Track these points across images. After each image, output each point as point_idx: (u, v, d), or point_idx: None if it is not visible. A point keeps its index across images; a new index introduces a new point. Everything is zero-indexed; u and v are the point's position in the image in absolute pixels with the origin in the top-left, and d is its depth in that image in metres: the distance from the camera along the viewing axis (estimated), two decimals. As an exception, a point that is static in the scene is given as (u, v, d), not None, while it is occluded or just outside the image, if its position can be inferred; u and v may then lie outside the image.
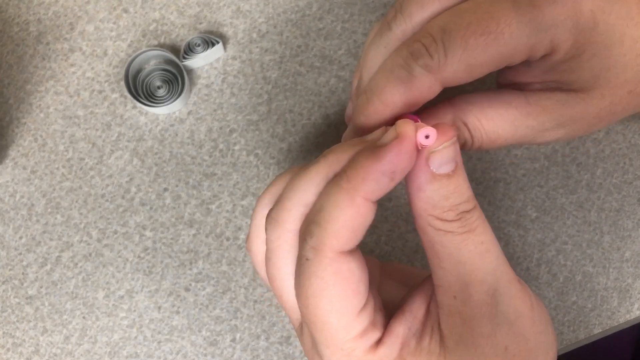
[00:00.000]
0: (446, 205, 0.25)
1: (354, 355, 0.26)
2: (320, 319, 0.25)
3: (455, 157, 0.25)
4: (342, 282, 0.25)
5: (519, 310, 0.26)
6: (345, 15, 0.41)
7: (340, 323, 0.25)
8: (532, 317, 0.26)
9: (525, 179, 0.40)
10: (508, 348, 0.25)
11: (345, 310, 0.25)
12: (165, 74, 0.40)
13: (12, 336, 0.38)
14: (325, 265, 0.24)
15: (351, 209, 0.24)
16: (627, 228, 0.40)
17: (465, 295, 0.25)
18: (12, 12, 0.41)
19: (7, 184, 0.39)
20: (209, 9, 0.41)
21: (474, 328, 0.25)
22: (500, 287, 0.25)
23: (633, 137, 0.40)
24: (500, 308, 0.25)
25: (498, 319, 0.25)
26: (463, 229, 0.25)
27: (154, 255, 0.39)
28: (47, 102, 0.40)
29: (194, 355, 0.38)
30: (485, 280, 0.25)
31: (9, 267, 0.39)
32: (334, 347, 0.26)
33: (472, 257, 0.25)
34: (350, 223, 0.24)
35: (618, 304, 0.39)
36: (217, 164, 0.40)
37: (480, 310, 0.25)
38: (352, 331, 0.25)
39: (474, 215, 0.25)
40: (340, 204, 0.24)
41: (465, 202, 0.25)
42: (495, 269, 0.25)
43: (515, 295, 0.26)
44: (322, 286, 0.25)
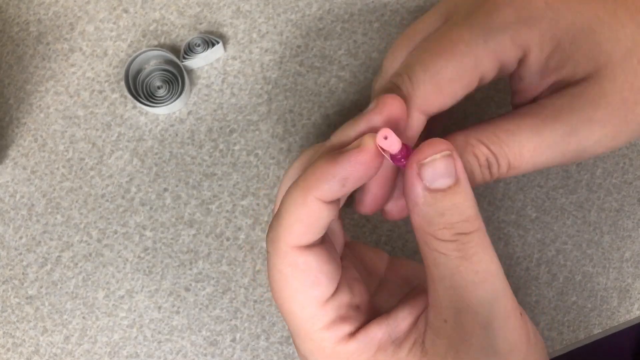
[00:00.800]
0: (440, 222, 0.24)
1: (323, 345, 0.26)
2: (287, 310, 0.26)
3: (452, 171, 0.24)
4: (299, 274, 0.25)
5: (513, 344, 0.25)
6: (345, 15, 0.41)
7: (304, 313, 0.26)
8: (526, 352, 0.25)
9: (525, 179, 0.40)
10: None
11: (307, 302, 0.25)
12: (165, 74, 0.40)
13: (12, 336, 0.38)
14: (281, 258, 0.26)
15: (304, 207, 0.25)
16: (627, 228, 0.40)
17: (457, 323, 0.24)
18: (12, 12, 0.41)
19: (7, 184, 0.39)
20: (209, 9, 0.41)
21: (459, 354, 0.25)
22: (495, 321, 0.24)
23: (633, 137, 0.40)
24: (491, 341, 0.24)
25: (487, 350, 0.24)
26: (458, 253, 0.24)
27: (154, 255, 0.39)
28: (47, 102, 0.40)
29: (194, 355, 0.38)
30: (479, 312, 0.24)
31: (9, 267, 0.39)
32: (304, 336, 0.26)
33: (466, 286, 0.24)
34: (304, 220, 0.25)
35: (618, 304, 0.39)
36: (217, 164, 0.40)
37: (471, 340, 0.24)
38: (318, 322, 0.26)
39: (473, 240, 0.24)
40: (295, 201, 0.25)
41: (464, 221, 0.24)
42: (491, 301, 0.24)
43: (511, 330, 0.25)
44: (282, 278, 0.26)
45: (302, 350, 0.27)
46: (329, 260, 0.26)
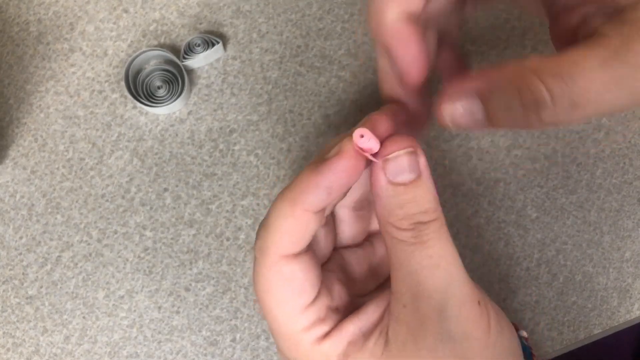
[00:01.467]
0: (400, 213, 0.25)
1: (301, 345, 0.27)
2: (269, 312, 0.27)
3: (414, 167, 0.25)
4: (284, 283, 0.26)
5: (468, 332, 0.25)
6: (345, 15, 0.41)
7: (285, 318, 0.27)
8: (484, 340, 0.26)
9: (525, 179, 0.40)
10: None
11: (289, 308, 0.26)
12: (165, 74, 0.40)
13: (12, 336, 0.38)
14: (267, 267, 0.26)
15: (291, 219, 0.25)
16: (627, 228, 0.40)
17: (414, 307, 0.25)
18: (12, 12, 0.41)
19: (7, 184, 0.39)
20: (209, 9, 0.41)
21: (417, 340, 0.25)
22: (448, 306, 0.25)
23: (633, 137, 0.40)
24: (445, 326, 0.25)
25: (442, 336, 0.25)
26: (414, 240, 0.25)
27: (154, 255, 0.39)
28: (47, 102, 0.40)
29: (194, 355, 0.38)
30: (433, 297, 0.25)
31: (9, 267, 0.39)
32: (283, 336, 0.27)
33: (421, 270, 0.25)
34: (291, 231, 0.26)
35: (618, 304, 0.39)
36: (217, 164, 0.40)
37: (427, 324, 0.25)
38: (298, 325, 0.27)
39: (429, 228, 0.25)
40: (282, 213, 0.26)
41: (423, 212, 0.25)
42: (445, 287, 0.25)
43: (466, 316, 0.25)
44: (267, 285, 0.26)
45: (282, 347, 0.28)
46: (313, 267, 0.27)
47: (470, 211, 0.40)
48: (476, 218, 0.40)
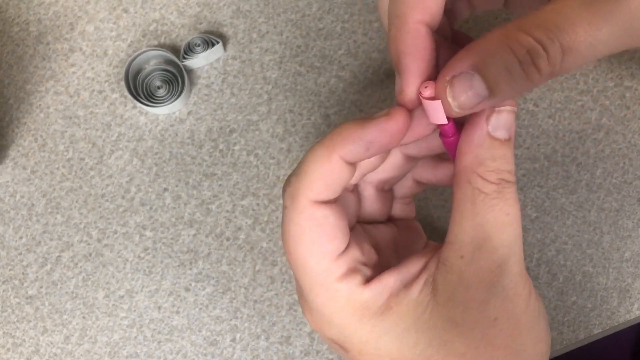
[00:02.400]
0: (492, 166, 0.26)
1: (337, 295, 0.27)
2: (301, 263, 0.27)
3: (511, 126, 0.26)
4: (316, 228, 0.26)
5: (519, 290, 0.26)
6: (345, 15, 0.41)
7: (319, 266, 0.26)
8: (527, 301, 0.26)
9: (525, 179, 0.40)
10: (497, 320, 0.26)
11: (322, 254, 0.26)
12: (165, 74, 0.40)
13: (12, 336, 0.38)
14: (299, 212, 0.26)
15: (327, 165, 0.26)
16: (627, 228, 0.40)
17: (473, 258, 0.26)
18: (12, 12, 0.41)
19: (7, 184, 0.39)
20: (209, 9, 0.41)
21: (469, 290, 0.26)
22: (509, 262, 0.26)
23: (633, 137, 0.40)
24: (501, 281, 0.26)
25: (496, 289, 0.26)
26: (497, 194, 0.26)
27: (154, 255, 0.39)
28: (47, 102, 0.40)
29: (194, 355, 0.38)
30: (497, 251, 0.26)
31: (9, 267, 0.39)
32: (318, 288, 0.27)
33: (494, 224, 0.26)
34: (325, 176, 0.26)
35: (618, 304, 0.39)
36: (217, 164, 0.40)
37: (483, 275, 0.26)
38: (332, 274, 0.27)
39: (512, 187, 0.26)
40: (319, 159, 0.26)
41: (509, 172, 0.26)
42: (511, 243, 0.26)
43: (519, 275, 0.26)
44: (299, 231, 0.27)
45: (316, 303, 0.27)
46: (343, 217, 0.27)
47: (470, 211, 0.40)
48: (476, 218, 0.40)
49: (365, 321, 0.27)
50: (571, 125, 0.40)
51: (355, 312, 0.27)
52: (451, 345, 0.26)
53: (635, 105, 0.41)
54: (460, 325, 0.25)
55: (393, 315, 0.26)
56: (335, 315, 0.27)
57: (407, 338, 0.26)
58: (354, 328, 0.27)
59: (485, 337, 0.25)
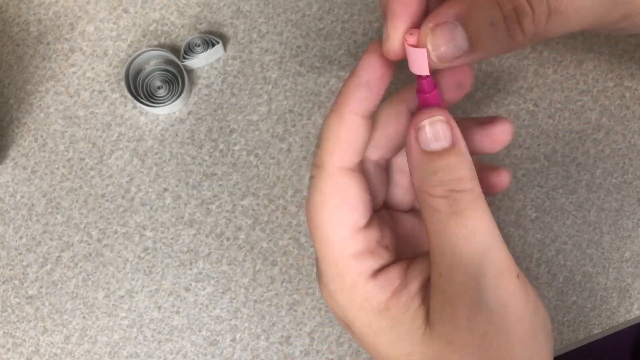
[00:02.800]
0: (434, 180, 0.25)
1: (345, 275, 0.27)
2: (320, 230, 0.27)
3: (446, 135, 0.25)
4: (340, 196, 0.27)
5: (505, 301, 0.25)
6: (345, 15, 0.41)
7: (336, 236, 0.27)
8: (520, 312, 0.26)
9: (525, 179, 0.40)
10: (487, 334, 0.25)
11: (342, 224, 0.26)
12: (165, 74, 0.40)
13: (12, 336, 0.38)
14: (324, 179, 0.27)
15: (342, 125, 0.26)
16: (627, 228, 0.40)
17: (449, 277, 0.25)
18: (12, 12, 0.41)
19: (7, 184, 0.39)
20: (209, 9, 0.41)
21: (454, 308, 0.25)
22: (486, 275, 0.25)
23: (633, 137, 0.40)
24: (482, 296, 0.25)
25: (479, 306, 0.25)
26: (449, 208, 0.25)
27: (154, 255, 0.39)
28: (48, 102, 0.40)
29: (194, 355, 0.38)
30: (469, 266, 0.25)
31: (9, 267, 0.39)
32: (330, 260, 0.27)
33: (456, 240, 0.25)
34: (344, 137, 0.26)
35: (618, 304, 0.39)
36: (217, 164, 0.40)
37: (462, 293, 0.25)
38: (348, 248, 0.27)
39: (464, 197, 0.25)
40: (333, 123, 0.27)
41: (457, 180, 0.25)
42: (481, 256, 0.25)
43: (503, 287, 0.25)
44: (322, 199, 0.27)
45: (326, 277, 0.28)
46: (366, 190, 0.27)
47: (470, 211, 0.40)
48: (476, 218, 0.40)
49: (365, 313, 0.27)
50: (571, 125, 0.40)
51: (358, 299, 0.27)
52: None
53: (635, 105, 0.41)
54: (452, 343, 0.25)
55: (389, 318, 0.26)
56: (340, 295, 0.27)
57: (403, 347, 0.26)
58: (355, 314, 0.27)
59: (477, 352, 0.25)
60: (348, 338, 0.39)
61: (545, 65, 0.41)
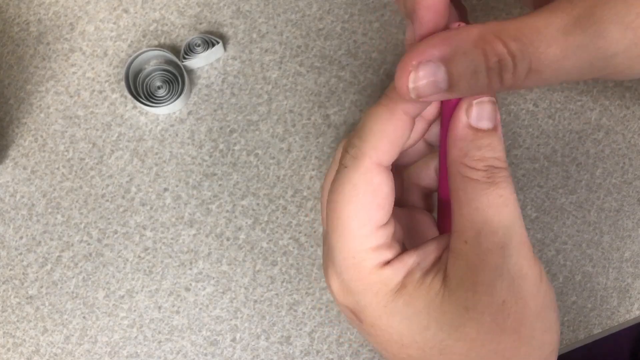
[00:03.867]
0: (477, 154, 0.26)
1: (362, 266, 0.27)
2: (343, 223, 0.27)
3: (493, 116, 0.27)
4: (371, 193, 0.27)
5: (525, 271, 0.26)
6: (345, 15, 0.41)
7: (360, 231, 0.27)
8: (537, 285, 0.27)
9: (525, 179, 0.40)
10: (505, 303, 0.26)
11: (367, 221, 0.27)
12: (165, 74, 0.40)
13: (12, 336, 0.38)
14: (360, 173, 0.27)
15: (391, 122, 0.27)
16: (627, 228, 0.40)
17: (476, 242, 0.26)
18: (12, 12, 0.41)
19: (7, 184, 0.39)
20: (209, 9, 0.41)
21: (476, 274, 0.26)
22: (510, 244, 0.26)
23: (633, 137, 0.40)
24: (506, 262, 0.26)
25: (502, 271, 0.26)
26: (487, 180, 0.26)
27: (154, 255, 0.39)
28: (48, 102, 0.40)
29: (194, 355, 0.38)
30: (497, 233, 0.26)
31: (9, 267, 0.39)
32: (347, 252, 0.27)
33: (489, 207, 0.26)
34: (390, 135, 0.27)
35: (618, 304, 0.39)
36: (217, 164, 0.40)
37: (486, 259, 0.26)
38: (368, 243, 0.27)
39: (500, 172, 0.26)
40: (382, 118, 0.27)
41: (496, 158, 0.26)
42: (510, 225, 0.26)
43: (524, 257, 0.26)
44: (353, 192, 0.27)
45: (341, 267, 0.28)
46: (393, 190, 0.28)
47: (470, 211, 0.40)
48: (476, 218, 0.40)
49: (381, 296, 0.27)
50: (571, 125, 0.41)
51: (374, 285, 0.27)
52: (462, 330, 0.26)
53: (635, 105, 0.41)
54: (470, 309, 0.26)
55: (406, 295, 0.27)
56: (355, 283, 0.28)
57: (419, 321, 0.27)
58: (370, 300, 0.27)
59: (495, 320, 0.26)
60: (348, 338, 0.39)
61: (545, 65, 0.41)
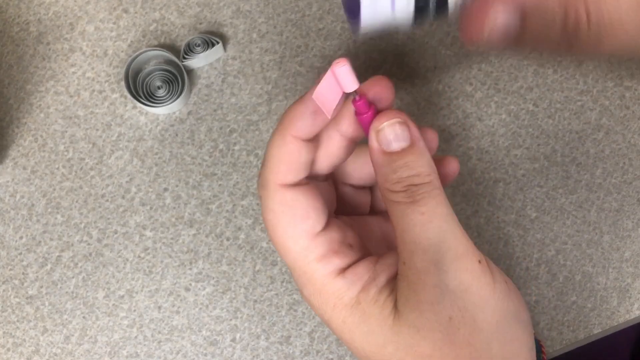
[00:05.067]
0: (394, 177, 0.27)
1: (314, 279, 0.28)
2: (281, 245, 0.28)
3: (405, 136, 0.27)
4: (289, 210, 0.28)
5: (466, 285, 0.26)
6: (345, 15, 0.41)
7: (297, 245, 0.28)
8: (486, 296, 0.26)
9: (525, 179, 0.40)
10: (452, 319, 0.26)
11: (298, 234, 0.28)
12: (165, 74, 0.40)
13: (12, 336, 0.38)
14: (271, 198, 0.28)
15: (284, 147, 0.28)
16: (627, 228, 0.40)
17: (411, 263, 0.26)
18: (12, 12, 0.41)
19: (7, 184, 0.39)
20: (209, 9, 0.41)
21: (418, 294, 0.26)
22: (444, 259, 0.26)
23: (633, 137, 0.40)
24: (443, 279, 0.26)
25: (441, 289, 0.26)
26: (407, 199, 0.26)
27: (154, 255, 0.39)
28: (48, 102, 0.40)
29: (194, 355, 0.38)
30: (428, 250, 0.26)
31: (9, 267, 0.39)
32: (298, 270, 0.28)
33: (414, 227, 0.26)
34: (285, 158, 0.28)
35: (618, 304, 0.39)
36: (217, 164, 0.40)
37: (424, 278, 0.26)
38: (310, 254, 0.28)
39: (422, 188, 0.26)
40: (275, 144, 0.28)
41: (415, 176, 0.27)
42: (439, 240, 0.26)
43: (464, 269, 0.26)
44: (274, 216, 0.28)
45: (299, 285, 0.29)
46: (316, 197, 0.28)
47: (469, 211, 0.40)
48: (475, 218, 0.40)
49: (338, 311, 0.28)
50: (571, 125, 0.41)
51: (330, 299, 0.28)
52: (417, 349, 0.26)
53: (635, 105, 0.41)
54: (420, 329, 0.26)
55: (360, 312, 0.27)
56: (314, 297, 0.28)
57: (376, 339, 0.27)
58: (330, 315, 0.28)
59: (446, 337, 0.26)
60: (348, 338, 0.39)
61: (545, 65, 0.41)
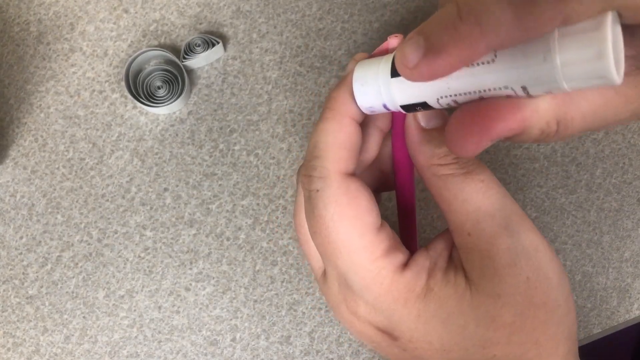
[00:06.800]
0: (441, 152, 0.27)
1: (382, 275, 0.26)
2: (343, 244, 0.26)
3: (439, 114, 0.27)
4: (354, 201, 0.26)
5: (536, 243, 0.26)
6: (345, 15, 0.41)
7: (362, 242, 0.26)
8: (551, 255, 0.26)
9: (524, 179, 0.40)
10: (529, 279, 0.26)
11: (364, 229, 0.26)
12: (165, 74, 0.40)
13: (12, 336, 0.38)
14: (336, 189, 0.26)
15: (342, 132, 0.27)
16: (627, 228, 0.40)
17: (479, 231, 0.26)
18: (12, 12, 0.41)
19: (7, 184, 0.39)
20: (209, 9, 0.41)
21: (493, 260, 0.26)
22: (512, 221, 0.26)
23: (632, 137, 0.40)
24: (516, 239, 0.26)
25: (516, 250, 0.26)
26: (461, 170, 0.26)
27: (154, 255, 0.39)
28: (48, 102, 0.40)
29: (194, 355, 0.38)
30: (495, 215, 0.26)
31: (9, 267, 0.39)
32: (362, 270, 0.26)
33: (475, 195, 0.26)
34: (346, 144, 0.27)
35: (617, 304, 0.39)
36: (217, 164, 0.40)
37: (497, 242, 0.26)
38: (376, 250, 0.26)
39: (471, 160, 0.27)
40: (330, 129, 0.27)
41: None
42: (502, 205, 0.26)
43: (530, 230, 0.26)
44: (339, 209, 0.26)
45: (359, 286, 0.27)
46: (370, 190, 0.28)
47: (470, 211, 0.40)
48: (476, 218, 0.40)
49: (410, 305, 0.26)
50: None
51: (400, 295, 0.26)
52: (499, 319, 0.26)
53: (635, 105, 0.41)
54: (502, 296, 0.25)
55: (435, 298, 0.26)
56: (381, 299, 0.27)
57: (455, 321, 0.26)
58: (401, 313, 0.27)
59: (526, 300, 0.26)
60: (348, 338, 0.39)
61: (545, 65, 0.41)
